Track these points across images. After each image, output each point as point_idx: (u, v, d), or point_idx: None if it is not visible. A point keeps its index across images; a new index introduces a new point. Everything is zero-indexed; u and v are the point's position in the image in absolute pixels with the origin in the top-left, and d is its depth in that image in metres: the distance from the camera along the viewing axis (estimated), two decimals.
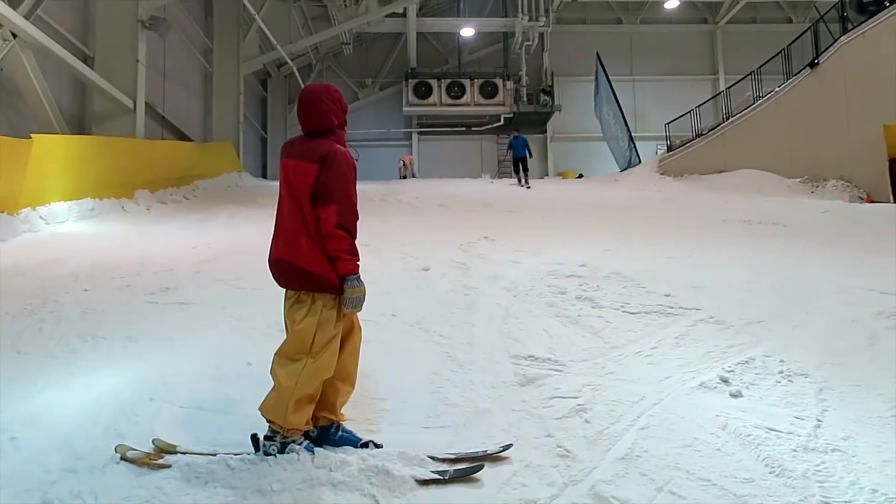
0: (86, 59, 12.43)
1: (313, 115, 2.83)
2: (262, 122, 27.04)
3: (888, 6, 12.85)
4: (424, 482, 2.58)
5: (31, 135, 8.97)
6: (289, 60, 21.58)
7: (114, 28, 12.82)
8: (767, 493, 2.53)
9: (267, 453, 2.69)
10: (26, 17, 9.79)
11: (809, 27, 15.71)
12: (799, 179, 14.51)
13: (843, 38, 13.93)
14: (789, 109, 15.34)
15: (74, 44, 12.25)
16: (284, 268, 2.76)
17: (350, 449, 2.81)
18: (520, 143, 17.77)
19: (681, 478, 2.64)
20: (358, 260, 2.78)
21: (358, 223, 2.82)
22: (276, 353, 2.78)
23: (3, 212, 8.09)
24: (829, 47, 14.35)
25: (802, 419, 3.17)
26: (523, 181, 17.35)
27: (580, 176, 24.88)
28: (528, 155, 17.67)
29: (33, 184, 8.86)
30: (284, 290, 2.86)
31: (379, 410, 3.34)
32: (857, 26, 13.64)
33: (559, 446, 2.91)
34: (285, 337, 2.84)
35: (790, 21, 27.07)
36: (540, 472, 2.69)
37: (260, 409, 2.75)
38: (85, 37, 12.82)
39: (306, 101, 2.85)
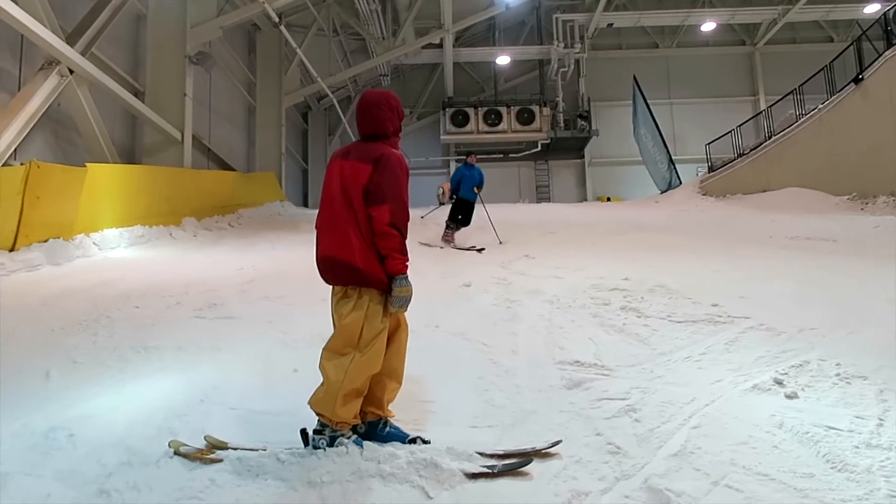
0: (137, 94, 12.98)
1: (370, 121, 2.95)
2: (303, 154, 27.59)
3: None
4: (473, 475, 2.56)
5: (86, 164, 9.35)
6: (329, 93, 22.08)
7: (163, 64, 13.46)
8: (829, 487, 2.43)
9: (316, 447, 2.72)
10: (82, 54, 10.32)
11: (852, 43, 15.44)
12: (847, 197, 14.13)
13: (887, 53, 13.63)
14: (834, 126, 15.02)
15: (126, 79, 12.84)
16: (333, 264, 2.81)
17: (398, 444, 2.81)
18: (473, 177, 10.94)
19: (737, 473, 2.56)
20: (407, 260, 2.82)
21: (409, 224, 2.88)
22: (324, 348, 2.82)
23: (59, 237, 8.39)
24: (873, 62, 14.06)
25: (863, 418, 3.05)
26: (451, 238, 10.87)
27: (608, 199, 24.74)
28: (475, 198, 11.00)
29: (87, 211, 9.19)
30: (331, 286, 2.90)
31: (425, 412, 3.34)
32: None
33: (609, 443, 2.86)
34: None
35: (831, 40, 26.61)
36: (590, 468, 2.65)
37: (309, 402, 2.79)
38: (136, 72, 13.45)
39: (365, 107, 2.97)
